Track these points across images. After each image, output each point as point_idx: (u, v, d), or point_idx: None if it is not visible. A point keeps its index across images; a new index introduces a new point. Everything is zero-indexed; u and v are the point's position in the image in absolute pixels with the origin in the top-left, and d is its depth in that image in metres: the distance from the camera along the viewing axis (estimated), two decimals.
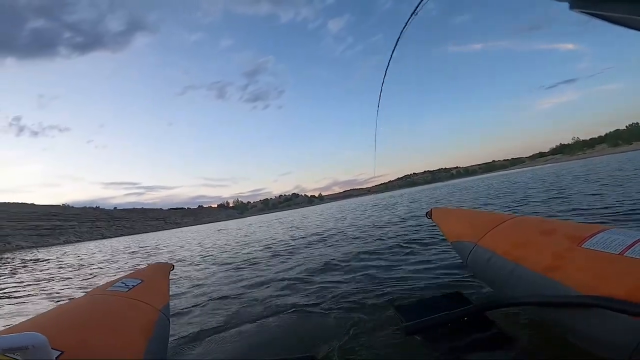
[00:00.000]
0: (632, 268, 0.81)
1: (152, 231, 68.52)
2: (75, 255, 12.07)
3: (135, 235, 44.91)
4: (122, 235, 63.75)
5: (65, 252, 16.50)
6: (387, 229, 5.28)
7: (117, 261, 7.55)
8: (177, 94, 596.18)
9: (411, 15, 1.29)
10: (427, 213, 2.06)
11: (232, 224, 32.66)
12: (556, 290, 0.92)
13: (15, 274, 7.57)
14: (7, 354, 0.52)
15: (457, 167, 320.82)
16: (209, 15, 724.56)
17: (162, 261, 4.48)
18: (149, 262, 6.36)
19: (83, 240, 55.92)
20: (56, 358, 0.69)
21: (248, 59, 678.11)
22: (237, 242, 7.62)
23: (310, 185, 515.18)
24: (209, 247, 7.47)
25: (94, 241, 43.61)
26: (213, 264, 4.60)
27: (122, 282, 1.28)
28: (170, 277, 1.68)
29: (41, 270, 7.59)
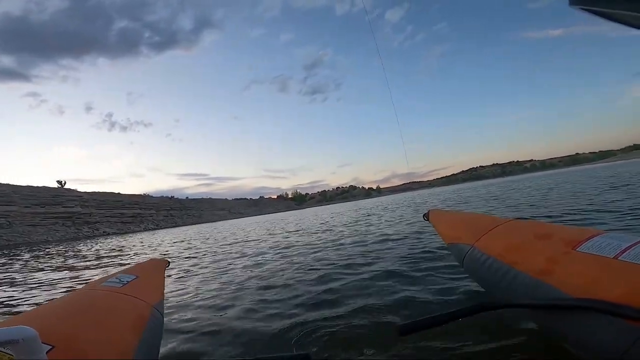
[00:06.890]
0: (626, 272, 0.80)
1: (218, 220, 69.65)
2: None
3: (207, 224, 44.65)
4: (191, 224, 65.40)
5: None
6: None
7: None
8: (243, 88, 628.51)
9: None
10: (424, 215, 2.05)
11: (290, 215, 29.57)
12: (550, 293, 0.92)
13: None
14: None
15: (531, 159, 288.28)
16: (269, 10, 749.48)
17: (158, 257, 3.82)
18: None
19: (159, 228, 57.97)
20: (47, 352, 0.67)
21: (307, 53, 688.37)
22: None
23: (367, 177, 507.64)
24: None
25: (170, 229, 44.05)
26: None
27: (116, 278, 1.26)
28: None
29: None
